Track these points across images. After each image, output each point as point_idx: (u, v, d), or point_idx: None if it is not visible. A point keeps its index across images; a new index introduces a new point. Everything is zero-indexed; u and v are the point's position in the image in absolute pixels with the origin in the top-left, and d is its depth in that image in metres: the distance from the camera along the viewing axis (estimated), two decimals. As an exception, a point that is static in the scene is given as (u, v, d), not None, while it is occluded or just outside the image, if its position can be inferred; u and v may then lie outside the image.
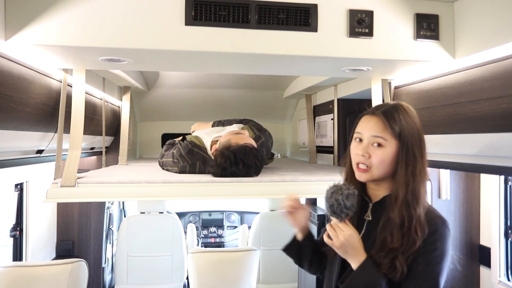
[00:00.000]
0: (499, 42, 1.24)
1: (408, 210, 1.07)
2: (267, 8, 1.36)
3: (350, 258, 1.11)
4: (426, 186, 1.13)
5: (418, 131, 1.13)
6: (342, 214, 1.11)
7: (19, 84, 1.37)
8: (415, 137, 1.11)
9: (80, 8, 1.28)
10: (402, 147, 1.10)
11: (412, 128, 1.11)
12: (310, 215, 1.26)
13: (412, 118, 1.13)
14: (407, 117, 1.12)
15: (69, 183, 1.55)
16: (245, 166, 1.73)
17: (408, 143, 1.10)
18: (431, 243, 1.06)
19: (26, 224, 2.47)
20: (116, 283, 3.40)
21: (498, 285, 2.12)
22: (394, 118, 1.11)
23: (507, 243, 2.13)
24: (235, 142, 1.85)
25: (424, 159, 1.12)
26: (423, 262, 1.06)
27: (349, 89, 2.33)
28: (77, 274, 2.17)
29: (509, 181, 2.12)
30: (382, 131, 1.11)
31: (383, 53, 1.45)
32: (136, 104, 3.27)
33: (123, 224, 3.46)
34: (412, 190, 1.08)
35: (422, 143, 1.13)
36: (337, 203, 1.10)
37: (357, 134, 1.16)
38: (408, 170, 1.09)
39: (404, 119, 1.11)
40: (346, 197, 1.10)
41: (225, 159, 1.73)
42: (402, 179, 1.09)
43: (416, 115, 1.15)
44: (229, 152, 1.75)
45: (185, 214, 4.68)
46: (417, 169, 1.09)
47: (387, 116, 1.12)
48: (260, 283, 3.54)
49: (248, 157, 1.75)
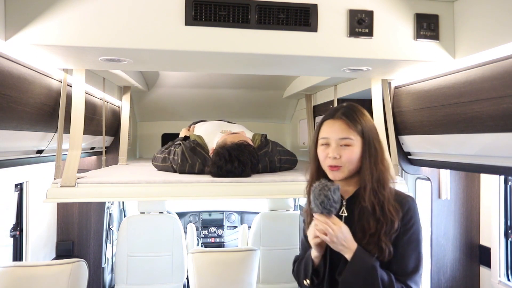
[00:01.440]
0: (499, 42, 1.24)
1: (377, 196, 1.18)
2: (267, 8, 1.36)
3: (344, 250, 1.17)
4: (390, 171, 1.25)
5: (373, 125, 1.26)
6: (332, 209, 1.17)
7: (19, 84, 1.37)
8: (373, 131, 1.23)
9: (80, 8, 1.28)
10: (365, 142, 1.20)
11: (370, 124, 1.24)
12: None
13: (367, 115, 1.25)
14: (364, 115, 1.24)
15: (69, 183, 1.55)
16: (240, 163, 1.73)
17: (369, 138, 1.21)
18: (409, 220, 1.19)
19: (26, 224, 2.47)
20: (116, 283, 3.40)
21: (498, 285, 2.12)
22: (354, 118, 1.21)
23: (507, 243, 2.13)
24: (230, 141, 1.85)
25: (383, 149, 1.24)
26: (407, 240, 1.18)
27: (349, 89, 2.33)
28: (77, 274, 2.17)
29: (509, 181, 2.12)
30: (348, 132, 1.20)
31: (383, 53, 1.46)
32: (136, 104, 3.27)
33: (123, 224, 3.46)
34: (377, 178, 1.19)
35: (378, 136, 1.26)
36: (326, 198, 1.16)
37: (323, 140, 1.23)
38: (371, 162, 1.20)
39: (362, 118, 1.23)
40: (334, 192, 1.17)
41: (219, 157, 1.74)
42: (368, 171, 1.19)
43: (366, 112, 1.27)
44: (224, 150, 1.76)
45: (185, 214, 4.68)
46: (379, 159, 1.21)
47: (349, 117, 1.21)
48: (260, 283, 3.54)
49: (243, 154, 1.75)
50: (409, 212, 1.19)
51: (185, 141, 2.02)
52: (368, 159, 1.20)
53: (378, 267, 1.14)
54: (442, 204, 2.29)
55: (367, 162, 1.20)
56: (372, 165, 1.20)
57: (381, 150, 1.23)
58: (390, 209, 1.18)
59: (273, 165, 2.04)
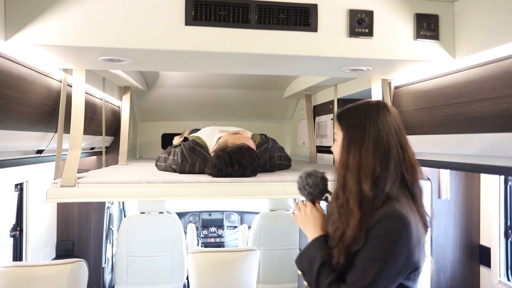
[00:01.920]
0: (499, 42, 1.24)
1: (342, 195, 1.16)
2: (267, 8, 1.36)
3: (308, 234, 1.27)
4: (354, 179, 1.15)
5: (363, 125, 1.17)
6: (306, 193, 1.29)
7: (19, 84, 1.37)
8: (357, 129, 1.17)
9: (80, 8, 1.28)
10: (343, 138, 1.20)
11: (356, 121, 1.18)
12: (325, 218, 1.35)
13: (361, 113, 1.20)
14: (353, 111, 1.22)
15: (69, 183, 1.55)
16: (240, 166, 1.73)
17: (347, 135, 1.19)
18: (371, 235, 1.08)
19: (26, 224, 2.47)
20: (116, 283, 3.40)
21: (498, 285, 2.12)
22: (341, 114, 1.23)
23: (507, 243, 2.13)
24: (232, 142, 1.85)
25: (360, 151, 1.16)
26: (363, 254, 1.08)
27: (349, 89, 2.33)
28: (77, 274, 2.17)
29: (509, 181, 2.12)
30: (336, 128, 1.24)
31: (383, 53, 1.46)
32: (136, 104, 3.27)
33: (123, 224, 3.46)
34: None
35: (363, 136, 1.16)
36: (302, 183, 1.30)
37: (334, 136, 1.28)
38: (341, 159, 1.19)
39: (349, 112, 1.22)
40: (306, 177, 1.29)
41: (220, 160, 1.74)
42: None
43: (365, 111, 1.20)
44: (224, 153, 1.75)
45: (185, 214, 4.68)
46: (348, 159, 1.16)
47: (337, 114, 1.25)
48: (260, 283, 3.54)
49: (244, 157, 1.75)
50: (376, 225, 1.07)
51: (185, 142, 2.02)
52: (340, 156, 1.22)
53: (318, 263, 1.15)
54: (442, 204, 2.29)
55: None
56: (341, 164, 1.21)
57: (358, 151, 1.20)
58: (343, 215, 1.14)
59: (272, 162, 2.04)
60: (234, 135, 1.94)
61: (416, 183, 1.17)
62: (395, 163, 1.14)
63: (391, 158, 1.13)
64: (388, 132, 1.15)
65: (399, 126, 1.18)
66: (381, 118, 1.17)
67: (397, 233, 1.06)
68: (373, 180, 1.12)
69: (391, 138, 1.15)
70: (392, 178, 1.12)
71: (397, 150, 1.14)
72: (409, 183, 1.15)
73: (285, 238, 3.62)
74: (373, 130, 1.15)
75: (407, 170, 1.15)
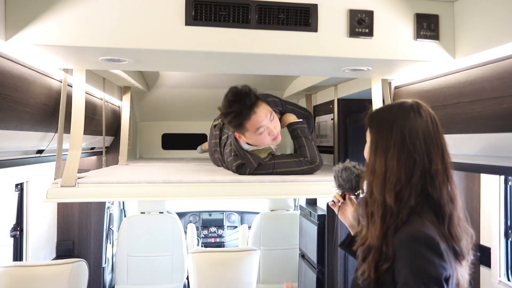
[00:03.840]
0: (499, 42, 1.24)
1: (370, 203, 1.10)
2: (267, 8, 1.36)
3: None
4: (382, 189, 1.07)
5: (390, 128, 1.08)
6: (340, 185, 1.34)
7: (19, 84, 1.37)
8: (383, 133, 1.09)
9: (80, 8, 1.28)
10: (371, 141, 1.14)
11: (383, 124, 1.10)
12: (358, 212, 1.39)
13: (390, 114, 1.11)
14: (383, 112, 1.15)
15: (69, 183, 1.55)
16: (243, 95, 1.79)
17: (374, 138, 1.12)
18: (398, 259, 0.99)
19: (27, 224, 2.47)
20: (116, 283, 3.40)
21: (498, 285, 2.12)
22: (372, 114, 1.16)
23: (507, 243, 2.13)
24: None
25: (386, 158, 1.07)
26: (398, 281, 0.98)
27: (349, 89, 2.33)
28: (77, 274, 2.18)
29: (509, 181, 2.12)
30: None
31: (383, 53, 1.46)
32: (136, 104, 3.27)
33: (123, 224, 3.46)
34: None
35: (389, 142, 1.07)
36: (336, 176, 1.35)
37: None
38: (369, 164, 1.13)
39: (379, 113, 1.15)
40: (342, 171, 1.33)
41: (224, 106, 1.81)
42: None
43: (395, 113, 1.10)
44: (224, 102, 1.84)
45: (185, 214, 4.68)
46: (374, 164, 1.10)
47: (369, 115, 1.18)
48: (260, 283, 3.54)
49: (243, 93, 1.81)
50: (403, 247, 0.99)
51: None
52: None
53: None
54: (442, 204, 2.28)
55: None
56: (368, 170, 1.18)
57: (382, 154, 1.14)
58: (370, 225, 1.07)
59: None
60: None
61: (443, 200, 1.04)
62: (420, 174, 1.03)
63: (416, 169, 1.03)
64: (415, 139, 1.04)
65: (430, 131, 1.06)
66: (409, 122, 1.06)
67: (423, 258, 0.96)
68: (397, 191, 1.03)
69: (418, 146, 1.04)
70: (417, 191, 1.03)
71: (423, 160, 1.03)
72: (434, 199, 1.04)
73: (285, 238, 3.62)
74: (399, 136, 1.05)
75: (432, 183, 1.04)
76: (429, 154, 1.04)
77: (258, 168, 1.82)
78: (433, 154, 1.05)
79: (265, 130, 1.83)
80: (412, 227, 1.00)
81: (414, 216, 1.02)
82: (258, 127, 1.81)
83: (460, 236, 1.05)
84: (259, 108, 1.81)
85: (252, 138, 1.86)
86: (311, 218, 2.74)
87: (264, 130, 1.83)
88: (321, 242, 2.58)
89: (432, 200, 1.04)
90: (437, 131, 1.08)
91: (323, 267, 2.58)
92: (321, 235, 2.58)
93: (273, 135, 1.86)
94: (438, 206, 1.04)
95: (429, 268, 0.95)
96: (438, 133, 1.08)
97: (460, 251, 1.03)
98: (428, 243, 0.97)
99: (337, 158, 2.51)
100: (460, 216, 1.07)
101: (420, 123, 1.06)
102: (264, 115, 1.82)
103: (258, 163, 1.83)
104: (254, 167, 1.82)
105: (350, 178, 1.31)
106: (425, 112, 1.09)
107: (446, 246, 1.00)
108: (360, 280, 1.07)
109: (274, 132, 1.86)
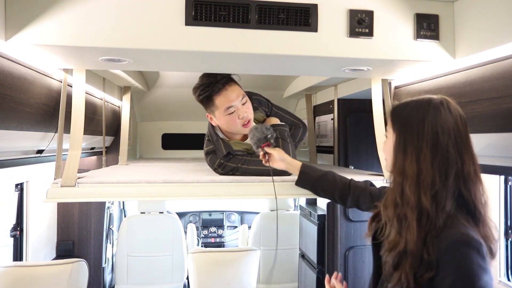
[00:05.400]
0: (499, 42, 1.24)
1: (400, 206, 1.04)
2: (267, 8, 1.36)
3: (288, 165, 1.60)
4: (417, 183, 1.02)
5: (420, 126, 1.02)
6: (267, 140, 1.60)
7: (19, 84, 1.37)
8: (413, 131, 1.04)
9: (80, 8, 1.28)
10: (396, 139, 1.07)
11: (412, 121, 1.04)
12: (283, 152, 1.65)
13: (418, 111, 1.05)
14: (409, 108, 1.07)
15: (69, 183, 1.55)
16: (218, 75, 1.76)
17: (400, 136, 1.06)
18: (443, 266, 0.94)
19: (27, 224, 2.47)
20: (116, 283, 3.40)
21: (498, 285, 2.12)
22: (396, 109, 1.11)
23: (507, 243, 2.13)
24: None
25: (418, 158, 1.02)
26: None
27: (349, 89, 2.33)
28: (77, 274, 2.18)
29: (509, 181, 2.12)
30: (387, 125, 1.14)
31: (383, 53, 1.46)
32: (136, 104, 3.27)
33: (123, 224, 3.46)
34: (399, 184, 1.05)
35: (421, 140, 1.02)
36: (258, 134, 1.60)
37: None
38: (396, 164, 1.06)
39: (405, 109, 1.08)
40: (266, 129, 1.60)
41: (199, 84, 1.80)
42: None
43: (424, 109, 1.04)
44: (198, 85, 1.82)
45: (185, 214, 4.69)
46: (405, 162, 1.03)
47: (392, 109, 1.13)
48: (260, 283, 3.54)
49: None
50: (449, 253, 0.94)
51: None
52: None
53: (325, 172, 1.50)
54: (442, 204, 2.28)
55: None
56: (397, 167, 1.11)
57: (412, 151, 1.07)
58: (402, 223, 1.02)
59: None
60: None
61: (477, 201, 1.00)
62: (454, 175, 0.99)
63: (450, 169, 0.98)
64: (447, 139, 1.00)
65: (460, 130, 1.02)
66: (440, 120, 1.01)
67: (472, 262, 0.92)
68: (433, 194, 0.98)
69: (450, 146, 0.99)
70: (452, 194, 0.99)
71: (456, 161, 0.99)
72: (468, 201, 1.00)
73: (285, 238, 3.62)
74: (431, 134, 1.00)
75: (465, 184, 0.99)
76: (461, 155, 1.00)
77: (227, 158, 1.76)
78: (464, 155, 1.01)
79: (236, 112, 1.77)
80: (454, 231, 0.95)
81: (451, 219, 0.97)
82: (228, 106, 1.75)
83: (493, 236, 1.01)
84: (231, 87, 1.77)
85: (222, 119, 1.79)
86: (311, 218, 2.74)
87: (234, 111, 1.76)
88: (321, 242, 2.58)
89: (465, 202, 1.00)
90: (466, 129, 1.03)
91: (323, 267, 2.59)
92: (321, 235, 2.58)
93: (243, 119, 1.77)
94: (473, 208, 1.00)
95: (480, 273, 0.91)
96: (467, 132, 1.03)
97: (495, 251, 1.00)
98: (475, 246, 0.93)
99: (337, 158, 2.51)
100: (490, 216, 1.04)
101: (451, 120, 1.01)
102: (236, 95, 1.76)
103: (228, 151, 1.77)
104: (223, 154, 1.76)
105: (262, 133, 1.59)
106: (455, 109, 1.04)
107: (486, 248, 0.96)
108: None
109: (245, 117, 1.77)
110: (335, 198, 1.54)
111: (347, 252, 2.38)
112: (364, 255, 2.39)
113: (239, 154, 1.79)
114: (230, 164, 1.76)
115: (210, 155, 1.83)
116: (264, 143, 1.61)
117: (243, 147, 1.84)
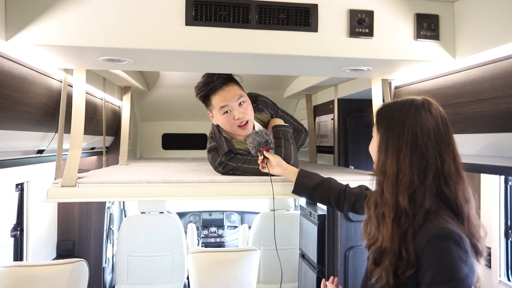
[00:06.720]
0: (499, 42, 1.24)
1: (380, 204, 1.07)
2: (267, 8, 1.36)
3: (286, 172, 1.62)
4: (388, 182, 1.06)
5: (401, 127, 1.05)
6: (267, 144, 1.67)
7: (19, 84, 1.37)
8: (394, 132, 1.06)
9: (80, 8, 1.28)
10: (380, 139, 1.11)
11: (393, 122, 1.07)
12: (281, 159, 1.70)
13: (400, 111, 1.08)
14: (393, 108, 1.11)
15: (69, 183, 1.55)
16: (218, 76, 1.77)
17: (384, 136, 1.09)
18: (424, 262, 0.96)
19: (27, 224, 2.48)
20: (117, 283, 3.40)
21: (498, 285, 2.12)
22: (380, 110, 1.14)
23: (507, 243, 2.13)
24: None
25: (397, 158, 1.05)
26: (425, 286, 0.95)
27: (349, 89, 2.33)
28: (77, 274, 2.18)
29: (509, 181, 2.12)
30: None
31: (383, 53, 1.46)
32: (137, 104, 3.27)
33: (123, 224, 3.47)
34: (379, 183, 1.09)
35: (401, 141, 1.05)
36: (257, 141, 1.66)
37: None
38: (378, 163, 1.09)
39: (388, 110, 1.12)
40: (266, 134, 1.67)
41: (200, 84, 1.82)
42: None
43: (406, 110, 1.08)
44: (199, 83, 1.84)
45: (185, 214, 4.69)
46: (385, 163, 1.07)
47: (377, 110, 1.16)
48: (260, 283, 3.55)
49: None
50: (428, 247, 0.96)
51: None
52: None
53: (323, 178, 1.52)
54: (442, 204, 2.28)
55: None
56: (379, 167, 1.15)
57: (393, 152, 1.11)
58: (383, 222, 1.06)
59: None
60: None
61: (459, 199, 1.02)
62: (433, 175, 1.01)
63: (429, 169, 1.01)
64: (427, 139, 1.02)
65: (440, 130, 1.04)
66: (420, 120, 1.03)
67: (451, 254, 0.94)
68: (410, 193, 1.00)
69: (430, 146, 1.02)
70: (431, 193, 1.01)
71: (435, 160, 1.01)
72: (450, 199, 1.02)
73: (285, 238, 3.62)
74: (410, 135, 1.03)
75: (446, 183, 1.02)
76: (441, 154, 1.02)
77: (229, 157, 1.77)
78: (444, 154, 1.02)
79: (231, 112, 1.77)
80: (435, 225, 0.97)
81: (432, 215, 0.99)
82: (222, 106, 1.76)
83: (479, 235, 1.03)
84: (228, 87, 1.77)
85: (218, 118, 1.81)
86: (311, 218, 2.74)
87: (229, 111, 1.77)
88: (321, 242, 2.59)
89: (447, 201, 1.02)
90: (447, 130, 1.05)
91: (323, 267, 2.59)
92: (321, 235, 2.58)
93: (239, 120, 1.77)
94: (455, 206, 1.02)
95: (460, 265, 0.93)
96: (448, 132, 1.05)
97: (481, 249, 1.02)
98: (455, 239, 0.94)
99: (337, 158, 2.51)
100: (475, 214, 1.05)
101: (431, 121, 1.04)
102: (232, 95, 1.76)
103: (229, 149, 1.77)
104: (225, 151, 1.77)
105: (263, 137, 1.66)
106: (436, 110, 1.07)
107: (470, 244, 0.97)
108: (377, 287, 1.03)
109: (241, 118, 1.77)
110: (332, 205, 1.54)
111: (347, 252, 2.38)
112: (364, 255, 2.38)
113: (240, 154, 1.80)
114: (231, 163, 1.77)
115: (212, 152, 1.84)
116: (264, 147, 1.67)
117: (245, 146, 1.85)
